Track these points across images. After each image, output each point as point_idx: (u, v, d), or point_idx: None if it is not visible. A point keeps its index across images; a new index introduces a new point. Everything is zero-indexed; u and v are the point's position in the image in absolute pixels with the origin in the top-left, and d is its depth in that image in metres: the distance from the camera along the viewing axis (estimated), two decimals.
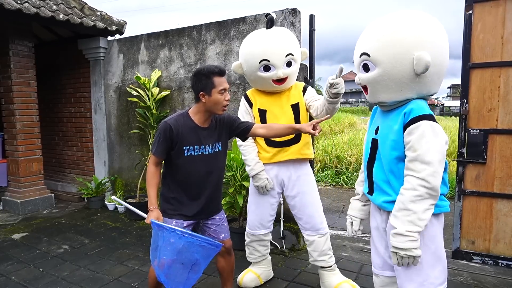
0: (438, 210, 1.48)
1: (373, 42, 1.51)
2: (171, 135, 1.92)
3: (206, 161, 2.01)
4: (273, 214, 2.62)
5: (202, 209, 2.06)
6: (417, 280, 1.49)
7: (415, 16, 1.48)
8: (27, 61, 4.57)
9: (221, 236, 2.16)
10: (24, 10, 3.88)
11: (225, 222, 2.21)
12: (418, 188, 1.39)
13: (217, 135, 2.06)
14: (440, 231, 1.54)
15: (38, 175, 4.76)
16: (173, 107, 4.27)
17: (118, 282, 2.80)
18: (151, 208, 1.93)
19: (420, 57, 1.40)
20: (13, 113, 4.51)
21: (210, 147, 2.02)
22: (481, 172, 2.91)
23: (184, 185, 2.01)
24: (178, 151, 1.95)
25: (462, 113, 2.93)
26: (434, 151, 1.39)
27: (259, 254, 2.71)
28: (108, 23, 4.80)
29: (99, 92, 4.92)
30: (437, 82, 1.52)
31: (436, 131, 1.41)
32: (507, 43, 2.75)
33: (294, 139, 2.41)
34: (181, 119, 1.97)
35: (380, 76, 1.51)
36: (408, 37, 1.44)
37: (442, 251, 1.52)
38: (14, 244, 3.57)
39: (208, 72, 1.91)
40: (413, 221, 1.40)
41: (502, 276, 2.81)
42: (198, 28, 4.00)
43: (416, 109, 1.45)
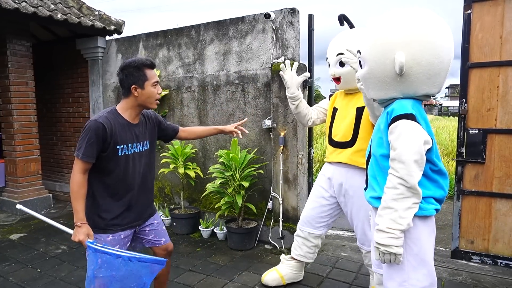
0: (421, 212, 1.46)
1: (364, 40, 1.55)
2: (104, 135, 1.72)
3: (139, 160, 1.89)
4: (323, 217, 2.53)
5: (138, 214, 1.91)
6: (397, 279, 1.50)
7: (404, 14, 1.47)
8: (25, 60, 4.55)
9: (162, 240, 2.04)
10: (21, 9, 3.86)
11: (163, 226, 2.09)
12: (398, 187, 1.40)
13: (148, 133, 1.96)
14: (427, 235, 1.50)
15: (36, 175, 4.74)
16: (172, 106, 4.26)
17: None
18: (79, 223, 1.68)
19: (396, 58, 1.42)
20: (10, 113, 4.49)
21: (141, 144, 1.90)
22: (480, 172, 2.91)
23: (116, 190, 1.82)
24: (111, 152, 1.77)
25: (461, 112, 2.93)
26: (410, 151, 1.39)
27: (301, 253, 2.65)
28: (106, 22, 4.79)
29: (97, 92, 4.91)
30: (427, 83, 1.46)
31: (413, 130, 1.41)
32: (506, 43, 2.75)
33: (348, 142, 2.33)
34: (111, 117, 1.79)
35: (368, 73, 1.55)
36: (389, 37, 1.45)
37: (427, 255, 1.49)
38: (12, 245, 3.55)
39: (139, 64, 1.82)
40: (394, 219, 1.41)
41: (501, 275, 2.81)
42: (197, 27, 3.99)
43: (397, 109, 1.46)
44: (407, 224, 1.41)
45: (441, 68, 1.45)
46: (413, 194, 1.40)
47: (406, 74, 1.44)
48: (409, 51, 1.41)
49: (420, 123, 1.43)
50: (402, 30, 1.43)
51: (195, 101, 4.06)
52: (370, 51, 1.50)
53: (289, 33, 3.37)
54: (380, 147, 1.54)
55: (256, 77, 3.60)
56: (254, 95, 3.62)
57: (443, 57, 1.44)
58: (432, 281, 1.50)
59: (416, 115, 1.43)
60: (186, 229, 3.81)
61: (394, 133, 1.43)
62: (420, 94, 1.50)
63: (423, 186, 1.46)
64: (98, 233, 1.81)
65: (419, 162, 1.40)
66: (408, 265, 1.48)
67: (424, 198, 1.47)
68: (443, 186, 1.51)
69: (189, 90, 4.10)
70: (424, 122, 1.47)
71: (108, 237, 1.82)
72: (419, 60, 1.42)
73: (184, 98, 4.15)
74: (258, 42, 3.56)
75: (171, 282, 2.77)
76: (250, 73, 3.63)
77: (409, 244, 1.47)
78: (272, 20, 3.39)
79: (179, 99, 4.19)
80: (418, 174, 1.40)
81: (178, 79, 4.19)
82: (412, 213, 1.41)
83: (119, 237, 1.85)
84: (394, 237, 1.41)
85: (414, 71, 1.43)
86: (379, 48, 1.47)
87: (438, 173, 1.50)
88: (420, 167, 1.40)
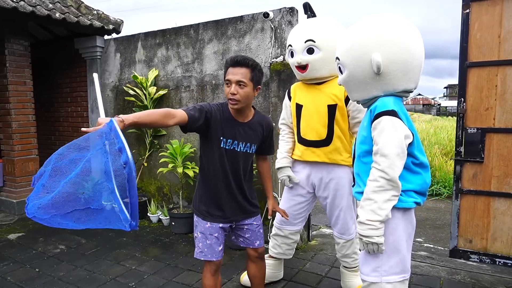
0: (400, 204, 1.55)
1: (341, 46, 1.67)
2: (209, 116, 1.80)
3: (236, 159, 1.91)
4: (301, 213, 2.57)
5: (233, 211, 1.96)
6: (372, 264, 1.62)
7: (375, 19, 1.62)
8: (23, 60, 4.53)
9: (256, 243, 2.06)
10: (19, 9, 3.85)
11: (261, 229, 2.10)
12: (378, 179, 1.49)
13: (253, 137, 1.95)
14: (403, 226, 1.59)
15: (34, 175, 4.72)
16: (171, 106, 4.25)
17: (115, 282, 2.78)
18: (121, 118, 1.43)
19: (373, 58, 1.55)
20: (9, 113, 4.48)
21: (242, 144, 1.92)
22: (479, 171, 2.91)
23: (213, 182, 1.91)
24: (212, 140, 1.85)
25: (460, 112, 2.93)
26: (392, 144, 1.48)
27: (280, 251, 2.67)
28: (105, 22, 4.78)
29: (96, 91, 4.89)
30: (404, 79, 1.59)
31: (395, 125, 1.50)
32: (504, 42, 2.76)
33: (323, 141, 2.34)
34: (220, 108, 1.87)
35: (348, 77, 1.67)
36: (365, 40, 1.58)
37: (401, 245, 1.60)
38: (10, 245, 3.54)
39: (226, 62, 1.86)
40: (374, 210, 1.50)
41: (500, 274, 2.82)
42: (196, 27, 3.99)
43: (380, 106, 1.56)
44: (386, 215, 1.50)
45: (414, 64, 1.59)
46: (393, 187, 1.49)
47: (383, 73, 1.56)
48: (384, 51, 1.54)
49: (401, 119, 1.52)
50: (376, 33, 1.57)
51: (193, 100, 4.05)
52: (348, 55, 1.63)
53: (288, 32, 3.36)
54: (362, 143, 1.63)
55: None
56: None
57: (415, 55, 1.57)
58: (404, 268, 1.61)
59: (397, 111, 1.53)
60: (185, 229, 3.81)
61: (377, 129, 1.53)
62: (399, 90, 1.61)
63: (404, 179, 1.55)
64: (199, 217, 1.94)
65: (401, 155, 1.49)
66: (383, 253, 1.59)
67: (404, 191, 1.56)
68: (425, 178, 1.60)
69: (187, 89, 4.09)
70: (405, 118, 1.57)
71: (207, 224, 1.90)
72: (394, 58, 1.54)
73: (183, 98, 4.15)
74: (257, 41, 3.56)
75: (169, 281, 2.77)
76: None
77: (385, 234, 1.57)
78: (271, 19, 3.39)
79: (178, 98, 4.19)
80: (399, 167, 1.49)
81: (176, 79, 4.18)
82: (391, 205, 1.51)
83: (217, 226, 1.92)
84: (374, 228, 1.51)
85: (391, 69, 1.56)
86: (356, 51, 1.60)
87: (419, 166, 1.59)
88: (401, 160, 1.50)
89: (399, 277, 1.60)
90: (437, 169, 6.30)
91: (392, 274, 1.59)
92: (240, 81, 1.79)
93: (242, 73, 1.79)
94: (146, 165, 4.40)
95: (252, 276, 2.16)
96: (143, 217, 4.32)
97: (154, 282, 2.77)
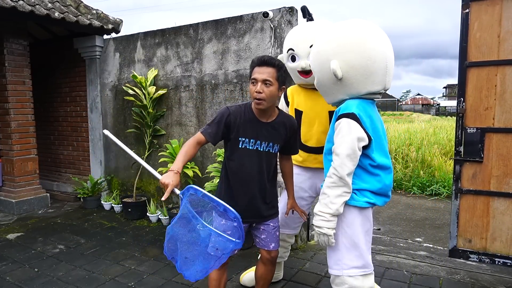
0: (353, 203, 1.66)
1: (310, 55, 1.83)
2: (228, 120, 1.83)
3: (259, 158, 1.91)
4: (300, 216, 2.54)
5: (253, 211, 1.95)
6: (334, 258, 1.73)
7: (336, 27, 1.71)
8: (22, 59, 4.53)
9: (271, 246, 2.06)
10: (18, 8, 3.84)
11: (277, 231, 2.10)
12: (332, 176, 1.61)
13: (277, 137, 1.94)
14: (360, 222, 1.69)
15: (33, 175, 4.72)
16: (170, 106, 4.25)
17: (114, 282, 2.78)
18: (175, 170, 1.66)
19: (330, 66, 1.64)
20: (7, 112, 4.47)
21: (265, 144, 1.91)
22: (478, 171, 2.91)
23: (235, 181, 1.92)
24: (234, 142, 1.87)
25: (459, 111, 2.93)
26: (343, 145, 1.58)
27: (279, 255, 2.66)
28: (104, 21, 4.77)
29: (95, 91, 4.89)
30: (366, 82, 1.65)
31: (350, 128, 1.59)
32: (503, 42, 2.76)
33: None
34: (242, 109, 1.89)
35: (317, 82, 1.79)
36: (325, 48, 1.69)
37: (359, 240, 1.69)
38: (9, 244, 3.54)
39: (252, 62, 1.87)
40: (326, 204, 1.62)
41: (499, 274, 2.82)
42: (195, 26, 3.99)
43: (343, 108, 1.66)
44: (336, 210, 1.61)
45: (376, 67, 1.63)
46: (344, 184, 1.59)
47: (344, 78, 1.65)
48: (342, 58, 1.63)
49: (363, 121, 1.61)
50: (334, 41, 1.66)
51: (193, 100, 4.05)
52: (314, 63, 1.75)
53: (288, 32, 3.36)
54: (328, 142, 1.75)
55: None
56: None
57: (375, 58, 1.62)
58: (365, 263, 1.71)
59: (358, 114, 1.61)
60: None
61: (336, 129, 1.65)
62: (364, 93, 1.69)
63: (361, 178, 1.66)
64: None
65: (351, 156, 1.58)
66: (342, 245, 1.70)
67: (359, 190, 1.67)
68: (383, 180, 1.68)
69: (187, 89, 4.09)
70: (369, 120, 1.65)
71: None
72: (352, 63, 1.62)
73: (182, 97, 4.14)
74: (256, 41, 3.56)
75: (168, 281, 2.77)
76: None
77: (343, 227, 1.68)
78: (271, 19, 3.38)
79: (177, 98, 4.18)
80: (349, 166, 1.59)
81: (176, 78, 4.18)
82: (341, 200, 1.61)
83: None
84: (325, 220, 1.62)
85: (351, 74, 1.64)
86: (319, 59, 1.71)
87: (378, 168, 1.67)
88: (352, 161, 1.59)
89: (360, 271, 1.69)
90: (436, 169, 6.30)
91: (352, 267, 1.69)
92: (267, 80, 1.79)
93: (269, 72, 1.80)
94: None
95: (259, 277, 2.16)
96: (143, 217, 4.31)
97: (154, 282, 2.77)
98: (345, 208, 1.66)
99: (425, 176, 6.14)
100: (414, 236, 3.84)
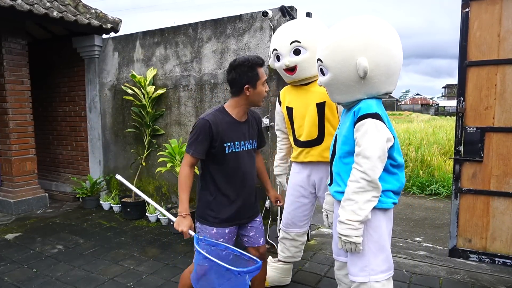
0: (380, 205, 1.59)
1: (324, 49, 1.66)
2: (211, 132, 1.81)
3: (247, 158, 1.94)
4: (306, 214, 2.56)
5: (245, 212, 1.97)
6: (359, 264, 1.64)
7: (359, 22, 1.62)
8: (21, 59, 4.51)
9: (260, 241, 2.07)
10: (17, 7, 3.82)
11: (263, 226, 2.12)
12: (360, 181, 1.52)
13: (254, 132, 1.99)
14: (386, 224, 1.64)
15: (32, 175, 4.71)
16: (169, 105, 4.23)
17: (113, 282, 2.77)
18: (184, 214, 1.76)
19: (359, 63, 1.55)
20: (6, 112, 4.45)
21: (249, 143, 1.95)
22: (478, 170, 2.90)
23: (225, 187, 1.89)
24: (219, 149, 1.84)
25: (459, 111, 2.93)
26: (374, 147, 1.51)
27: (289, 255, 2.64)
28: (103, 21, 4.76)
29: (94, 91, 4.88)
30: (387, 82, 1.61)
31: (378, 128, 1.53)
32: (503, 41, 2.75)
33: (315, 140, 2.34)
34: (219, 115, 1.87)
35: (332, 80, 1.67)
36: (350, 43, 1.58)
37: (385, 242, 1.64)
38: (7, 245, 3.52)
39: (253, 63, 1.84)
40: (354, 211, 1.53)
41: (499, 274, 2.82)
42: (194, 26, 3.97)
43: (363, 108, 1.58)
44: (365, 216, 1.53)
45: (396, 67, 1.62)
46: (373, 188, 1.52)
47: (368, 77, 1.57)
48: (369, 56, 1.55)
49: (384, 122, 1.56)
50: (360, 37, 1.57)
51: (192, 99, 4.04)
52: (333, 58, 1.62)
53: None
54: (345, 144, 1.65)
55: None
56: None
57: (396, 58, 1.60)
58: (390, 265, 1.66)
59: (380, 114, 1.56)
60: None
61: (360, 131, 1.54)
62: (382, 93, 1.64)
63: (383, 180, 1.58)
64: (204, 224, 1.90)
65: (382, 158, 1.52)
66: (369, 251, 1.62)
67: (383, 191, 1.59)
68: (401, 178, 1.65)
69: (186, 88, 4.08)
70: (387, 120, 1.61)
71: (213, 230, 1.89)
72: (378, 62, 1.56)
73: (182, 97, 4.13)
74: (255, 40, 3.55)
75: (168, 281, 2.76)
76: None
77: (370, 232, 1.61)
78: (270, 18, 3.37)
79: (176, 97, 4.17)
80: (380, 169, 1.52)
81: (175, 78, 4.16)
82: (371, 206, 1.53)
83: (224, 231, 1.91)
84: (353, 228, 1.54)
85: (376, 73, 1.57)
86: (341, 55, 1.59)
87: (397, 167, 1.63)
88: (382, 162, 1.53)
89: (386, 275, 1.64)
90: (436, 168, 6.30)
91: (380, 272, 1.63)
92: None
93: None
94: (145, 164, 4.38)
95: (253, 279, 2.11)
96: (142, 217, 4.30)
97: (153, 282, 2.76)
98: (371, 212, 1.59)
99: (425, 175, 6.13)
100: (414, 236, 3.83)
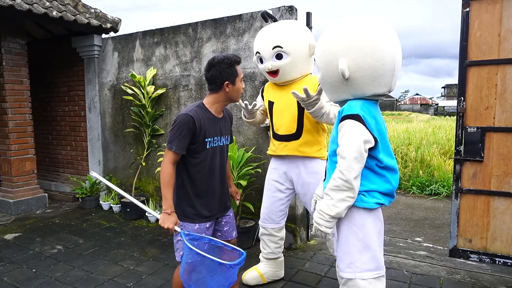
0: (362, 204, 1.61)
1: (317, 49, 1.71)
2: (194, 128, 1.83)
3: (222, 153, 2.01)
4: (282, 209, 2.62)
5: (221, 205, 2.04)
6: (346, 261, 1.67)
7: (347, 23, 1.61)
8: (20, 58, 4.50)
9: (233, 234, 2.14)
10: (16, 7, 3.81)
11: (234, 219, 2.19)
12: (337, 179, 1.56)
13: (228, 128, 2.07)
14: (371, 223, 1.65)
15: (31, 175, 4.70)
16: (169, 105, 4.22)
17: (113, 282, 2.76)
18: (169, 211, 1.80)
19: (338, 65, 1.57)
20: (5, 112, 4.44)
21: (225, 138, 2.03)
22: (478, 170, 2.90)
23: (203, 182, 1.93)
24: (200, 145, 1.88)
25: (459, 111, 2.92)
26: (350, 148, 1.53)
27: (269, 251, 2.69)
28: (102, 20, 4.75)
29: (93, 91, 4.87)
30: (373, 84, 1.59)
31: (356, 130, 1.54)
32: (504, 41, 2.75)
33: (293, 135, 2.41)
34: (200, 111, 1.90)
35: (321, 79, 1.73)
36: (333, 45, 1.60)
37: (371, 241, 1.64)
38: (6, 245, 3.51)
39: (232, 61, 1.91)
40: (328, 205, 1.59)
41: (499, 274, 2.81)
42: (194, 25, 3.97)
43: (346, 109, 1.61)
44: (337, 213, 1.58)
45: (384, 69, 1.57)
46: (348, 189, 1.55)
47: (351, 78, 1.58)
48: (351, 57, 1.55)
49: (367, 123, 1.55)
50: (343, 38, 1.58)
51: (192, 99, 4.03)
52: (320, 59, 1.68)
53: None
54: (332, 143, 1.69)
55: (253, 75, 3.58)
56: (251, 93, 3.60)
57: (385, 60, 1.56)
58: (378, 265, 1.65)
59: (363, 116, 1.55)
60: None
61: (341, 131, 1.59)
62: (369, 95, 1.62)
63: (368, 179, 1.61)
64: (185, 222, 1.92)
65: (359, 159, 1.53)
66: (354, 248, 1.64)
67: (368, 191, 1.62)
68: (390, 180, 1.65)
69: (186, 88, 4.07)
70: (374, 121, 1.60)
71: (195, 226, 1.92)
72: (361, 64, 1.55)
73: (181, 97, 4.12)
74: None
75: (167, 281, 2.75)
76: (248, 71, 3.61)
77: (355, 230, 1.64)
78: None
79: (176, 97, 4.16)
80: (356, 170, 1.54)
81: (175, 78, 4.16)
82: (345, 205, 1.57)
83: (204, 226, 1.94)
84: (324, 219, 1.61)
85: (358, 75, 1.57)
86: (326, 56, 1.63)
87: (384, 169, 1.63)
88: (359, 163, 1.54)
89: (373, 274, 1.65)
90: (436, 168, 6.30)
91: (366, 270, 1.64)
92: None
93: None
94: (144, 164, 4.38)
95: None
96: (141, 217, 4.29)
97: (152, 282, 2.75)
98: (355, 210, 1.63)
99: (425, 175, 6.13)
100: (414, 236, 3.83)
